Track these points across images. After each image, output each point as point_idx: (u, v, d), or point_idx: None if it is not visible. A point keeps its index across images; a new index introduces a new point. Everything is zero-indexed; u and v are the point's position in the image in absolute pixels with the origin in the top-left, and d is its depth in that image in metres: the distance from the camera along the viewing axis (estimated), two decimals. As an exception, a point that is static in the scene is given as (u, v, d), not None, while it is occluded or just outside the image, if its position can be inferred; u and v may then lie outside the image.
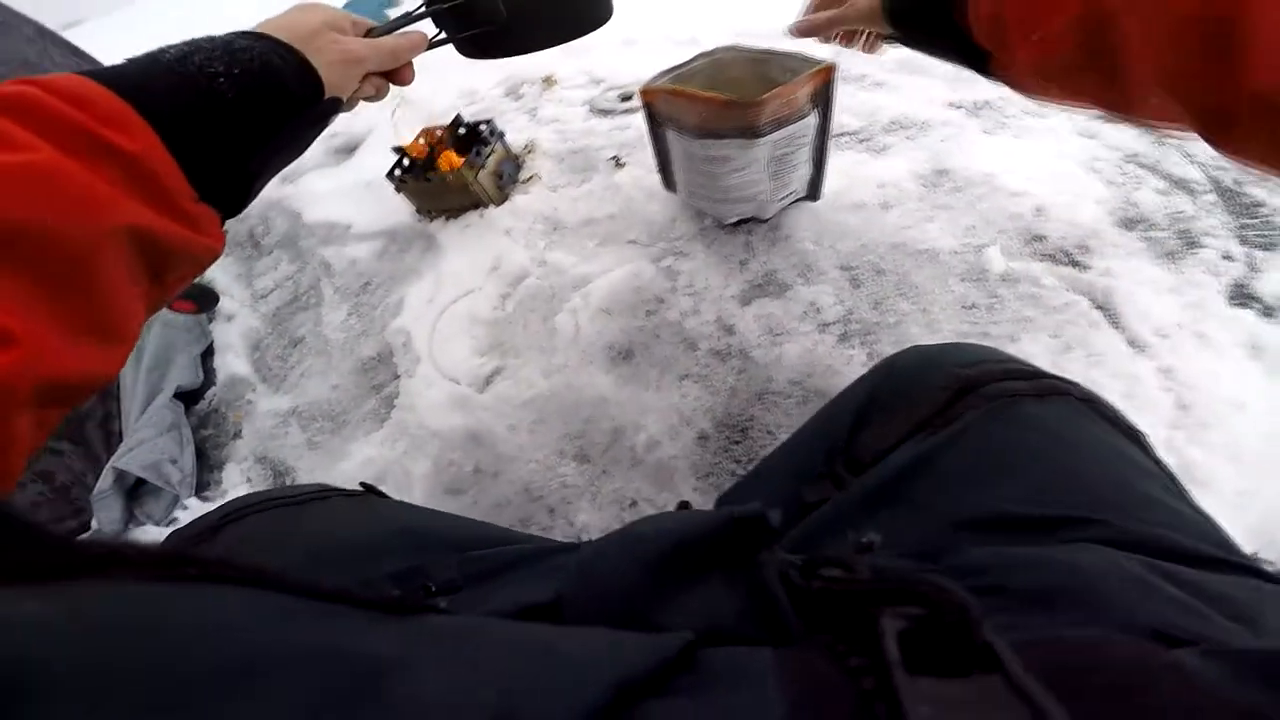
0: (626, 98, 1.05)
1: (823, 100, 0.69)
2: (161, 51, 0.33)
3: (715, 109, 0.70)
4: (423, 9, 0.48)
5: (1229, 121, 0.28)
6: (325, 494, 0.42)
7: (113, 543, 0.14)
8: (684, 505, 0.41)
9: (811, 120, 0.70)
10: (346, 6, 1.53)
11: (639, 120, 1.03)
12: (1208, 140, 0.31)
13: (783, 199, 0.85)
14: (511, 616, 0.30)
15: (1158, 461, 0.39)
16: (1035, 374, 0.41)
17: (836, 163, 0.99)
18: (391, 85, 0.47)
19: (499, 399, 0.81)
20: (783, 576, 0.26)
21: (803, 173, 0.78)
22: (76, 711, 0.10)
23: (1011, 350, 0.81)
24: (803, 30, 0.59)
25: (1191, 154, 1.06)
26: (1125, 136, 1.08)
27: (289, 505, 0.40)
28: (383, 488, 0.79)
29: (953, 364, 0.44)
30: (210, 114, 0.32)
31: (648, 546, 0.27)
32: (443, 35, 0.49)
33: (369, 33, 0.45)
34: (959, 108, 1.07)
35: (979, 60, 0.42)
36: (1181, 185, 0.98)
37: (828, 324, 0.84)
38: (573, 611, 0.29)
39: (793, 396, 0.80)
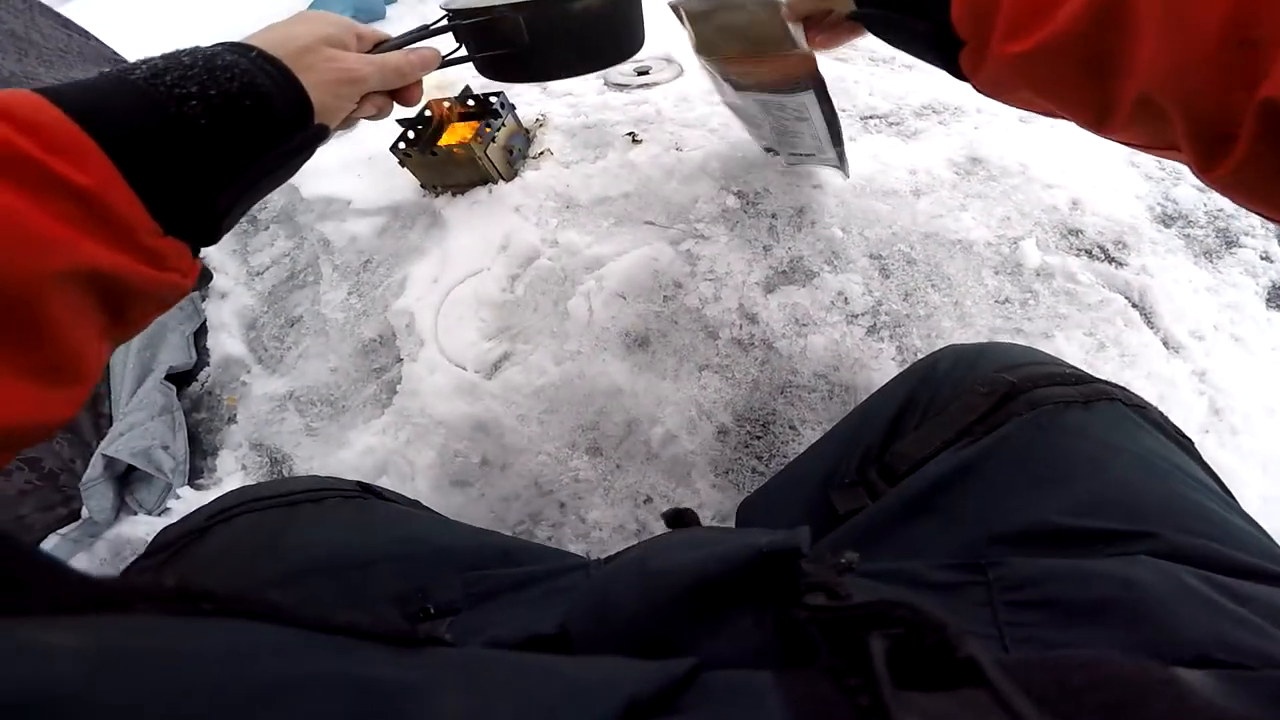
0: (643, 72, 1.00)
1: (809, 84, 0.63)
2: (134, 67, 0.29)
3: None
4: (442, 22, 0.45)
5: (1229, 139, 0.25)
6: (319, 494, 0.39)
7: (130, 580, 0.16)
8: (680, 515, 0.39)
9: (800, 99, 0.64)
10: (312, 7, 1.47)
11: (656, 95, 0.98)
12: (1198, 164, 0.28)
13: (797, 155, 0.80)
14: (519, 646, 0.29)
15: (1209, 470, 0.37)
16: (1081, 378, 0.39)
17: (866, 146, 0.94)
18: (396, 104, 0.43)
19: (508, 386, 0.77)
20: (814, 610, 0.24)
21: (810, 143, 0.74)
22: None
23: (1046, 348, 0.78)
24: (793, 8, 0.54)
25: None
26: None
27: (280, 506, 0.37)
28: (384, 480, 0.76)
29: (994, 367, 0.41)
30: (177, 142, 0.28)
31: (664, 584, 0.25)
32: (460, 52, 0.47)
33: (378, 46, 0.41)
34: (929, 113, 1.02)
35: (946, 51, 0.39)
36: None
37: (856, 315, 0.80)
38: (582, 644, 0.27)
39: (818, 391, 0.76)
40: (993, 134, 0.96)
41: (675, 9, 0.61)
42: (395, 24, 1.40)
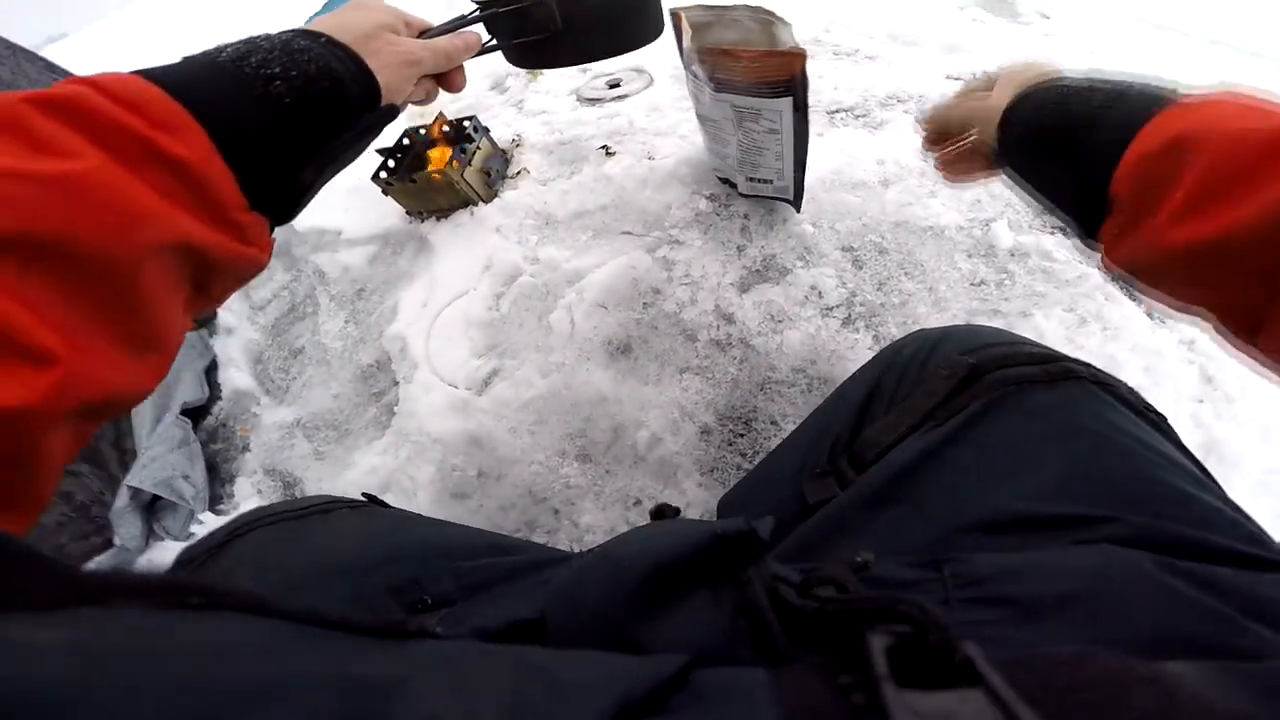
0: (614, 84, 1.02)
1: (790, 89, 0.64)
2: (218, 50, 0.31)
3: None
4: (477, 12, 0.46)
5: (1259, 320, 0.25)
6: (328, 506, 0.42)
7: (116, 574, 0.15)
8: (663, 510, 0.40)
9: (778, 106, 0.66)
10: (326, 5, 1.51)
11: (628, 107, 1.00)
12: (1222, 331, 0.27)
13: (754, 182, 0.82)
14: (502, 631, 0.30)
15: (1183, 449, 0.36)
16: (1045, 357, 0.39)
17: (833, 140, 0.95)
18: (441, 91, 0.44)
19: (498, 401, 0.80)
20: (772, 593, 0.25)
21: (773, 165, 0.75)
22: None
23: (1025, 327, 0.78)
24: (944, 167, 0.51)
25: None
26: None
27: (292, 519, 0.40)
28: (388, 495, 0.80)
29: (957, 349, 0.41)
30: (266, 120, 0.30)
31: (624, 570, 0.26)
32: (493, 41, 0.48)
33: (424, 33, 0.43)
34: (957, 79, 1.02)
35: (1086, 214, 0.35)
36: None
37: (831, 308, 0.81)
38: (557, 633, 0.28)
39: (797, 385, 0.78)
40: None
41: (674, 15, 0.63)
42: None
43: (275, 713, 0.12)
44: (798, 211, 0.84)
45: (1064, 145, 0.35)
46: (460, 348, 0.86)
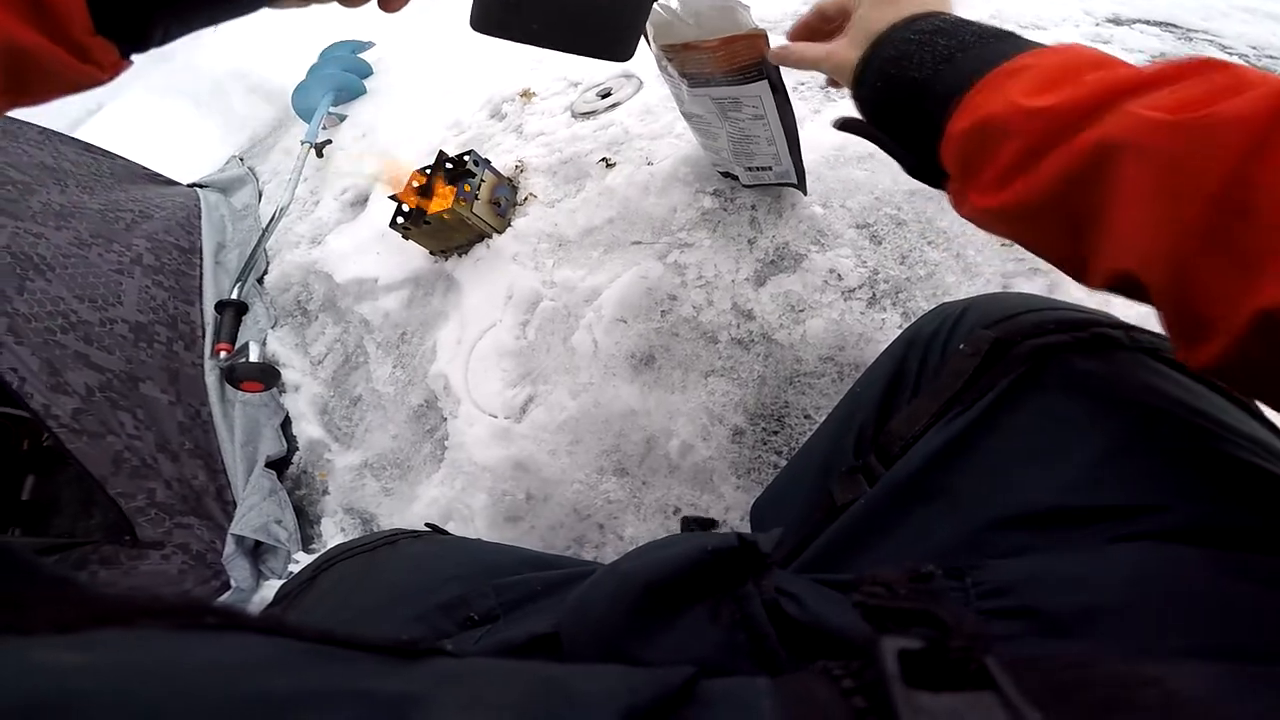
0: (605, 94, 1.02)
1: (763, 71, 0.61)
2: None
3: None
4: None
5: (1207, 333, 0.23)
6: (394, 539, 0.48)
7: (135, 595, 0.16)
8: (688, 523, 0.41)
9: (754, 91, 0.63)
10: (323, 53, 1.58)
11: (621, 115, 0.99)
12: (1176, 347, 0.26)
13: (754, 171, 0.79)
14: (522, 645, 0.32)
15: (1260, 418, 0.31)
16: (1079, 322, 0.35)
17: (832, 115, 0.90)
18: (381, 11, 0.41)
19: (535, 426, 0.84)
20: (774, 606, 0.25)
21: (767, 150, 0.72)
22: None
23: (1070, 283, 0.73)
24: (778, 59, 0.54)
25: (1229, 46, 0.88)
26: (1147, 37, 0.91)
27: (364, 553, 0.46)
28: (450, 524, 0.86)
29: (980, 322, 0.38)
30: None
31: (626, 585, 0.27)
32: None
33: None
34: None
35: (932, 173, 0.38)
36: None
37: (852, 290, 0.79)
38: (570, 647, 0.29)
39: (826, 375, 0.77)
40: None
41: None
42: (376, 97, 1.50)
43: None
44: (804, 194, 0.81)
45: (902, 120, 0.38)
46: (495, 379, 0.90)
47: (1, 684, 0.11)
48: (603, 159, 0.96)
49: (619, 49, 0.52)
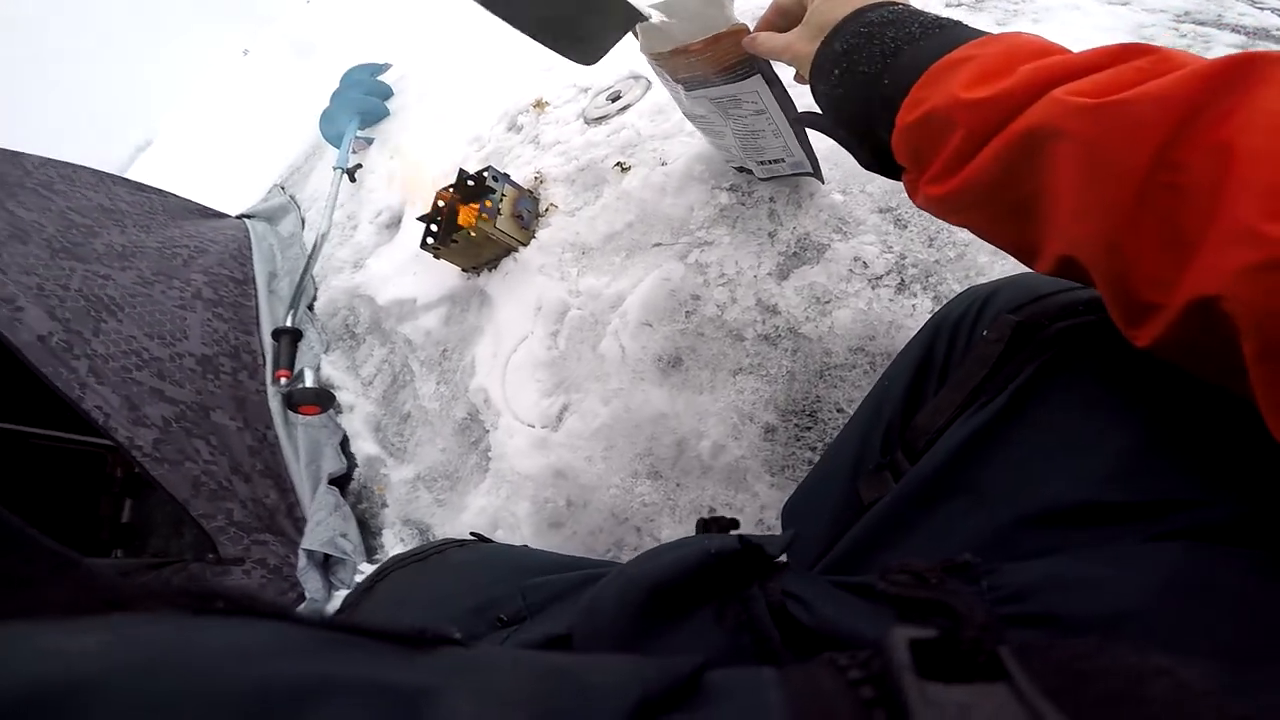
0: (615, 98, 1.02)
1: (754, 66, 0.60)
2: None
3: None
4: None
5: (1145, 316, 0.23)
6: (442, 548, 0.51)
7: (146, 580, 0.17)
8: (704, 524, 0.42)
9: (751, 86, 0.62)
10: (344, 77, 1.63)
11: (632, 117, 0.99)
12: (1120, 325, 0.25)
13: (767, 164, 0.78)
14: (538, 646, 0.33)
15: None
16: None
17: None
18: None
19: (571, 434, 0.87)
20: (780, 609, 0.26)
21: (775, 143, 0.71)
22: None
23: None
24: (749, 47, 0.54)
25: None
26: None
27: (415, 562, 0.50)
28: (498, 533, 0.90)
29: (1007, 305, 0.37)
30: None
31: (632, 587, 0.28)
32: None
33: None
34: (959, 5, 0.88)
35: (889, 166, 0.39)
36: (1261, 34, 0.73)
37: (879, 277, 0.77)
38: (580, 647, 0.31)
39: (858, 366, 0.75)
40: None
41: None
42: (399, 117, 1.55)
43: (326, 713, 0.12)
44: (822, 182, 0.79)
45: (857, 113, 0.39)
46: (531, 390, 0.93)
47: (7, 669, 0.11)
48: (618, 163, 0.97)
49: (584, 50, 0.53)
